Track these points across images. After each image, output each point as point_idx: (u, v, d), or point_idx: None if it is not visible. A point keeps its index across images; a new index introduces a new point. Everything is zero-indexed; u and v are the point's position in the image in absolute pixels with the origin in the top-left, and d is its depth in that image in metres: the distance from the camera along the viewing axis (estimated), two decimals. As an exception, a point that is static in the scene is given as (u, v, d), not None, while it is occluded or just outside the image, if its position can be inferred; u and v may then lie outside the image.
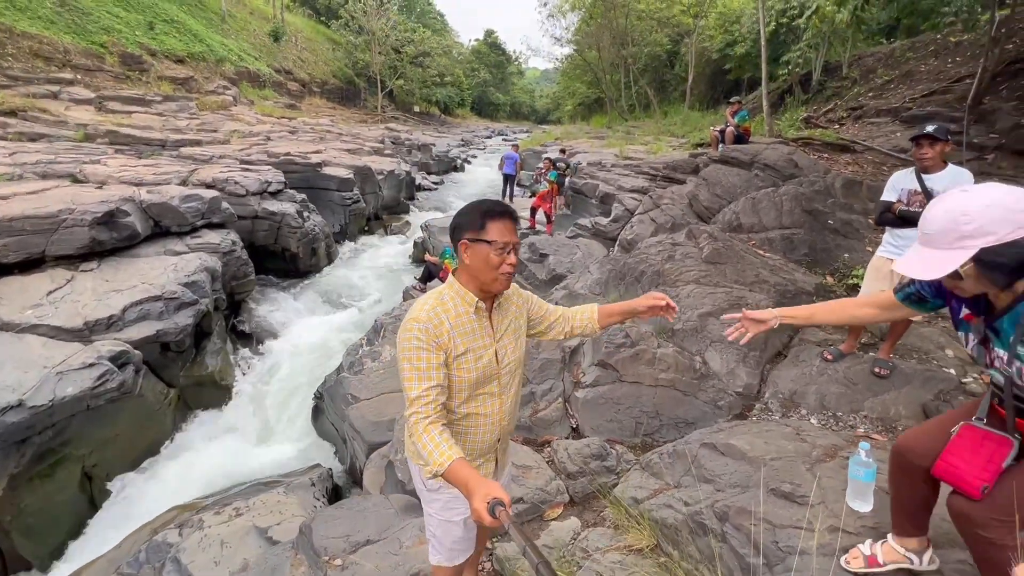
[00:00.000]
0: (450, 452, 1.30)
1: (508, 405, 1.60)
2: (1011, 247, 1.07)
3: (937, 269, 1.11)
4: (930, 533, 1.56)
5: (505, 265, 1.43)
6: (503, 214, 1.45)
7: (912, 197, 3.09)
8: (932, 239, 1.15)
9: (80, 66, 16.15)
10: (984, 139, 7.70)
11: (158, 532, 3.74)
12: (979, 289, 1.17)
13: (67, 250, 5.78)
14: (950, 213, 1.12)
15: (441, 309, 1.46)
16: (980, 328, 1.25)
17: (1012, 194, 1.09)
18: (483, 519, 1.16)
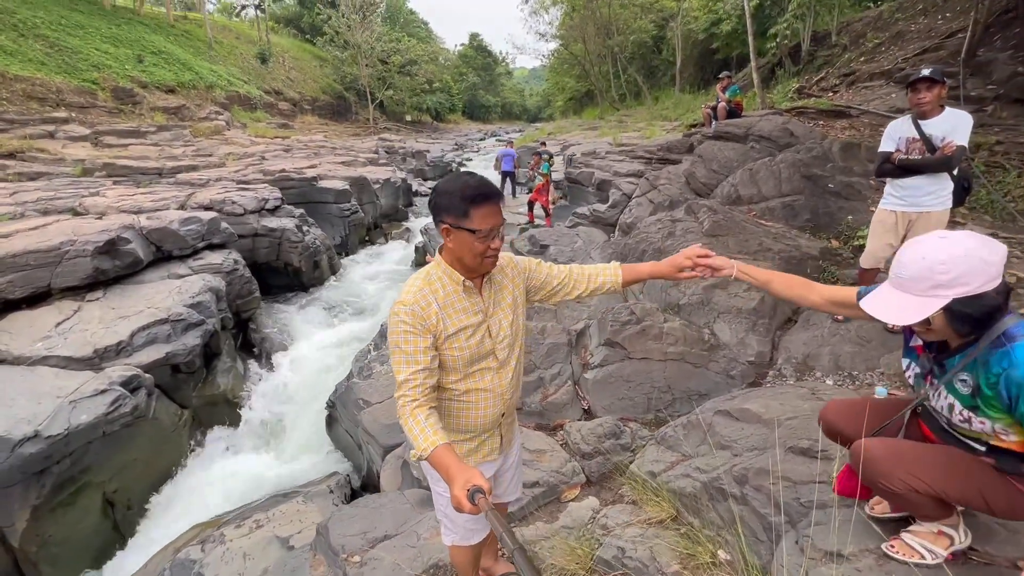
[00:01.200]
0: (434, 437, 1.30)
1: (509, 378, 1.56)
2: (979, 299, 1.08)
3: (910, 316, 1.11)
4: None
5: (490, 250, 1.38)
6: (487, 198, 1.36)
7: (911, 145, 3.02)
8: (905, 284, 1.14)
9: (74, 104, 16.36)
10: (982, 91, 7.57)
11: (181, 550, 3.75)
12: (942, 336, 1.19)
13: (72, 281, 5.82)
14: (927, 260, 1.11)
15: (428, 290, 1.43)
16: (927, 362, 1.27)
17: (987, 246, 1.10)
18: (462, 506, 1.17)
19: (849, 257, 4.35)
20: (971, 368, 1.17)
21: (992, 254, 1.09)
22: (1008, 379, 1.07)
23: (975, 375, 1.16)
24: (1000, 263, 1.10)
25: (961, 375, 1.19)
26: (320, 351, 7.40)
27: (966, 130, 2.85)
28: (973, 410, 1.18)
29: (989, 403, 1.14)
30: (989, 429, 1.17)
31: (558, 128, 25.00)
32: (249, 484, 5.14)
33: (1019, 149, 5.48)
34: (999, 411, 1.13)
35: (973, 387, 1.16)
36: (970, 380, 1.17)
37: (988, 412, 1.15)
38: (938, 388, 1.24)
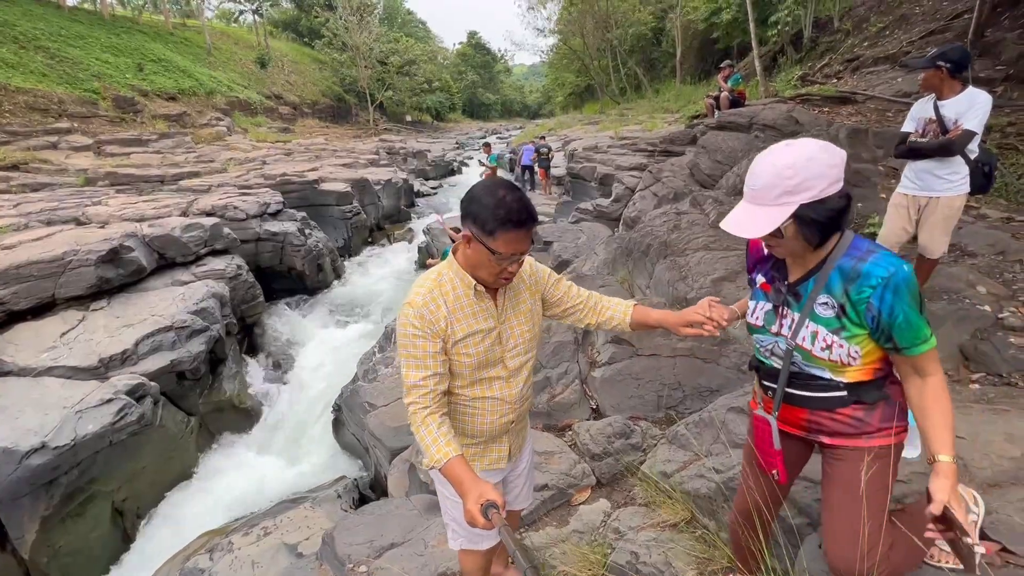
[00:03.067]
0: (447, 448, 1.27)
1: (519, 389, 1.50)
2: (824, 203, 1.08)
3: (763, 226, 1.10)
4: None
5: (507, 272, 1.33)
6: (518, 224, 1.25)
7: (928, 126, 2.91)
8: (757, 195, 1.13)
9: (76, 114, 16.43)
10: (991, 72, 7.39)
11: (190, 559, 3.73)
12: (795, 248, 1.16)
13: (76, 291, 5.82)
14: (775, 167, 1.09)
15: (439, 292, 1.37)
16: (780, 291, 1.24)
17: (826, 150, 1.09)
18: (476, 521, 1.15)
19: (860, 245, 4.25)
20: (831, 288, 1.15)
21: (833, 157, 1.09)
22: (887, 285, 1.07)
23: (838, 293, 1.14)
24: (841, 166, 1.10)
25: (821, 298, 1.17)
26: (325, 354, 7.38)
27: (978, 113, 2.73)
28: (838, 332, 1.15)
29: (852, 322, 1.13)
30: (846, 354, 1.15)
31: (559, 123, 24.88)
32: (257, 489, 5.12)
33: (1032, 130, 5.34)
34: (860, 329, 1.13)
35: (837, 308, 1.15)
36: (832, 301, 1.15)
37: (851, 331, 1.14)
38: (799, 321, 1.20)
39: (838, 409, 1.21)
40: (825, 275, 1.15)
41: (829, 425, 1.24)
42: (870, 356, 1.16)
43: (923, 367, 1.14)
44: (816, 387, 1.22)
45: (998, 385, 2.54)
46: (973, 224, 4.13)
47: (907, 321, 1.08)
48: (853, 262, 1.12)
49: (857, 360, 1.16)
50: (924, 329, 1.10)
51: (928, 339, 1.11)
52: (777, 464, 1.33)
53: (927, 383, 1.14)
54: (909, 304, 1.07)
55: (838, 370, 1.19)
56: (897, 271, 1.07)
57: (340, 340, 7.71)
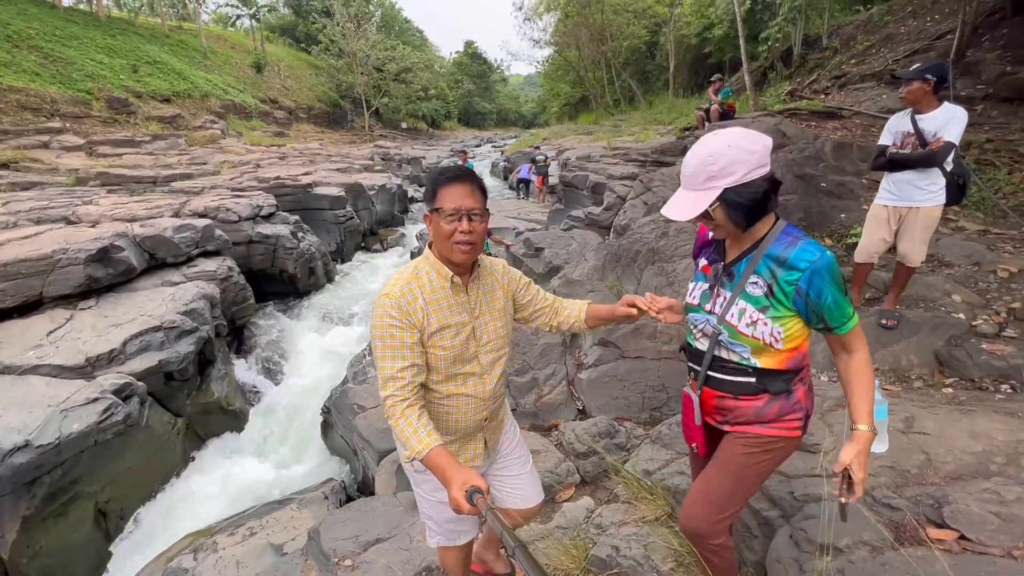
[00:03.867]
0: (428, 439, 1.26)
1: (492, 386, 1.51)
2: (747, 188, 1.16)
3: (692, 209, 1.18)
4: None
5: (457, 233, 1.32)
6: (454, 178, 1.34)
7: (906, 139, 3.03)
8: (688, 181, 1.21)
9: (68, 114, 16.35)
10: (971, 91, 7.62)
11: (173, 559, 3.70)
12: (728, 230, 1.24)
13: (64, 290, 5.79)
14: (698, 155, 1.18)
15: (416, 284, 1.39)
16: (718, 271, 1.33)
17: (747, 136, 1.17)
18: (461, 507, 1.14)
19: (842, 255, 4.34)
20: (762, 269, 1.23)
21: (753, 143, 1.15)
22: (814, 270, 1.14)
23: (767, 275, 1.22)
24: (763, 152, 1.16)
25: (752, 278, 1.24)
26: (316, 357, 7.37)
27: (957, 126, 2.85)
28: (764, 311, 1.23)
29: (780, 303, 1.21)
30: (768, 333, 1.22)
31: (553, 133, 25.10)
32: (244, 491, 5.09)
33: (1009, 147, 5.51)
34: (786, 309, 1.21)
35: (766, 288, 1.22)
36: (761, 282, 1.23)
37: (777, 311, 1.21)
38: (730, 299, 1.27)
39: (744, 396, 1.31)
40: (758, 257, 1.24)
41: (733, 410, 1.33)
42: (790, 341, 1.24)
43: (849, 344, 1.23)
44: (731, 370, 1.31)
45: (970, 389, 2.62)
46: (951, 236, 4.26)
47: (835, 302, 1.16)
48: (783, 248, 1.21)
49: (779, 342, 1.23)
50: (848, 308, 1.20)
51: (852, 316, 1.20)
52: (696, 438, 1.43)
53: (852, 359, 1.24)
54: (834, 286, 1.16)
55: (758, 350, 1.26)
56: (822, 256, 1.16)
57: (330, 343, 7.70)
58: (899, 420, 1.83)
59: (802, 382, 1.32)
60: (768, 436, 1.30)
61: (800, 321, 1.23)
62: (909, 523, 1.41)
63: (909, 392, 2.63)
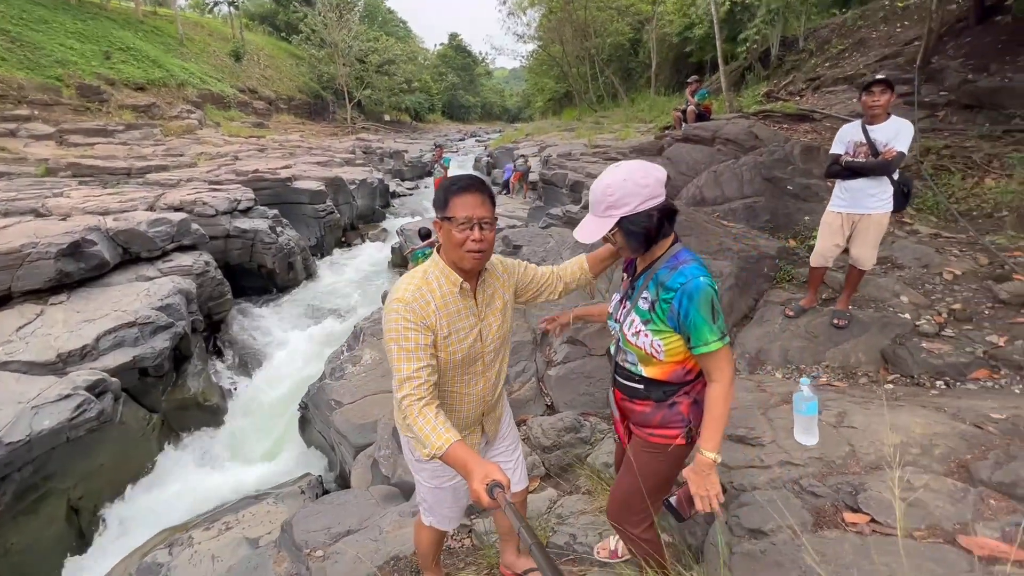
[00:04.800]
0: (447, 435, 1.28)
1: (491, 382, 1.59)
2: (640, 217, 1.28)
3: (594, 234, 1.31)
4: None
5: (469, 242, 1.36)
6: (466, 188, 1.38)
7: (858, 148, 3.19)
8: (592, 208, 1.34)
9: (37, 101, 15.84)
10: (935, 97, 7.92)
11: (148, 554, 3.73)
12: (628, 251, 1.39)
13: (34, 284, 5.70)
14: (599, 186, 1.31)
15: (426, 288, 1.42)
16: (626, 288, 1.48)
17: (641, 169, 1.29)
18: (482, 500, 1.16)
19: (804, 256, 4.53)
20: (651, 287, 1.38)
21: (646, 177, 1.27)
22: (683, 292, 1.28)
23: (653, 292, 1.36)
24: (655, 185, 1.28)
25: (643, 293, 1.39)
26: (293, 352, 7.37)
27: (907, 138, 3.03)
28: (646, 323, 1.38)
29: (658, 318, 1.35)
30: (649, 344, 1.37)
31: (536, 129, 25.16)
32: (221, 487, 5.11)
33: (964, 153, 5.77)
34: (663, 325, 1.34)
35: (651, 302, 1.37)
36: (649, 296, 1.38)
37: (656, 325, 1.36)
38: (628, 310, 1.43)
39: (636, 400, 1.48)
40: (651, 275, 1.38)
41: (631, 413, 1.51)
42: (671, 356, 1.37)
43: (709, 370, 1.35)
44: (627, 376, 1.48)
45: (909, 385, 2.81)
46: (905, 239, 4.48)
47: (694, 323, 1.28)
48: (667, 270, 1.34)
49: (660, 355, 1.37)
50: (708, 334, 1.29)
51: (709, 343, 1.29)
52: (618, 430, 1.64)
53: (712, 388, 1.36)
54: (698, 310, 1.27)
55: (644, 360, 1.41)
56: (692, 280, 1.28)
57: (309, 339, 7.70)
58: (832, 415, 1.98)
59: (687, 395, 1.43)
60: (653, 442, 1.46)
61: (679, 338, 1.34)
62: (829, 508, 1.56)
63: (854, 388, 2.81)
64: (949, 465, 1.67)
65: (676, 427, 1.43)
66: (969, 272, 3.74)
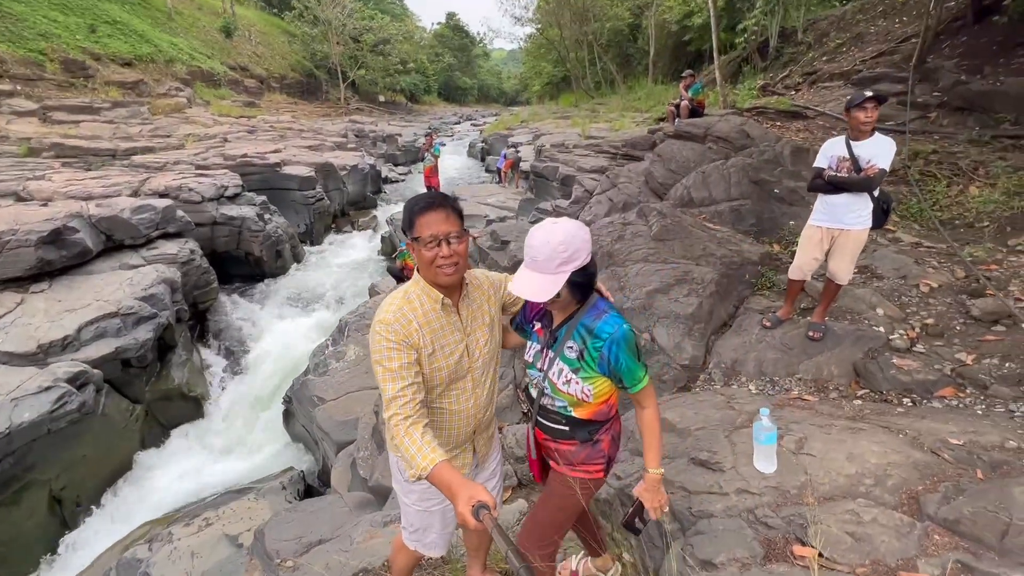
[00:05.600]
0: (433, 455, 1.28)
1: (483, 399, 1.59)
2: (586, 269, 1.37)
3: (548, 291, 1.33)
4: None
5: (439, 259, 1.37)
6: (429, 207, 1.39)
7: (840, 164, 3.19)
8: (540, 265, 1.35)
9: (19, 76, 15.43)
10: (928, 98, 7.89)
11: (128, 549, 3.78)
12: (565, 305, 1.43)
13: (13, 272, 5.63)
14: (551, 244, 1.33)
15: (408, 308, 1.43)
16: (546, 338, 1.53)
17: (579, 226, 1.38)
18: (468, 523, 1.14)
19: (788, 262, 4.55)
20: (575, 336, 1.44)
21: (585, 231, 1.38)
22: (612, 340, 1.37)
23: (580, 341, 1.43)
24: (590, 240, 1.39)
25: (568, 343, 1.45)
26: (280, 343, 7.36)
27: (889, 155, 3.04)
28: (576, 371, 1.44)
29: (588, 365, 1.42)
30: (580, 390, 1.45)
31: (532, 115, 24.88)
32: (205, 478, 5.15)
33: (952, 159, 5.78)
34: (593, 371, 1.42)
35: (579, 351, 1.43)
36: (575, 346, 1.44)
37: (587, 372, 1.43)
38: (552, 359, 1.49)
39: (561, 440, 1.56)
40: (573, 325, 1.45)
41: (555, 451, 1.58)
42: (599, 398, 1.48)
43: (641, 401, 1.48)
44: (552, 418, 1.55)
45: (877, 401, 2.86)
46: (886, 247, 4.50)
47: (627, 367, 1.39)
48: (592, 319, 1.42)
49: (589, 398, 1.46)
50: (638, 372, 1.42)
51: (642, 380, 1.43)
52: (532, 468, 1.75)
53: (644, 414, 1.50)
54: (628, 354, 1.38)
55: (574, 404, 1.49)
56: (618, 330, 1.38)
57: (295, 329, 7.69)
58: (792, 441, 2.02)
59: (607, 432, 1.56)
60: (576, 476, 1.55)
61: (607, 381, 1.45)
62: (780, 540, 1.60)
63: (824, 403, 2.85)
64: (900, 497, 1.71)
65: (598, 463, 1.55)
66: (945, 285, 3.78)
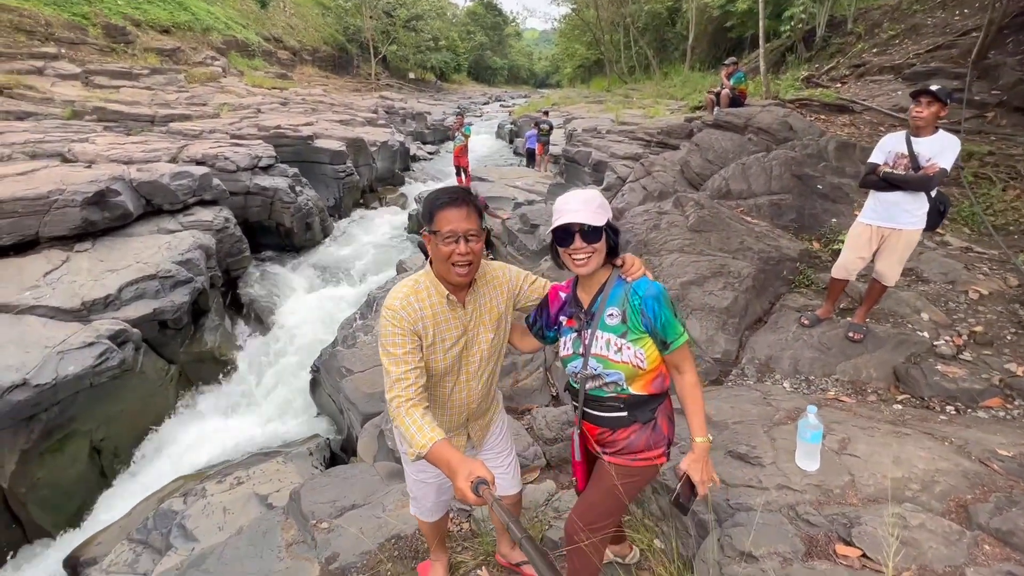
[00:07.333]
0: (432, 434, 1.32)
1: (477, 391, 1.61)
2: (612, 229, 1.44)
3: (600, 217, 1.40)
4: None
5: (455, 255, 1.39)
6: (451, 202, 1.40)
7: (898, 160, 3.06)
8: (584, 207, 1.41)
9: (63, 39, 15.78)
10: (986, 96, 7.51)
11: (164, 501, 3.95)
12: (597, 262, 1.45)
13: (60, 231, 5.83)
14: (581, 197, 1.43)
15: (415, 298, 1.46)
16: (580, 319, 1.52)
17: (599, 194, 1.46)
18: (467, 498, 1.18)
19: (827, 260, 4.44)
20: (613, 302, 1.46)
21: (606, 201, 1.46)
22: (649, 295, 1.41)
23: (619, 305, 1.45)
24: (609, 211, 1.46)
25: (608, 312, 1.46)
26: (308, 313, 7.50)
27: (952, 154, 2.89)
28: (624, 336, 1.44)
29: (634, 326, 1.43)
30: (633, 355, 1.43)
31: (563, 99, 24.49)
32: (232, 440, 5.33)
33: (1009, 162, 5.51)
34: (640, 331, 1.43)
35: (620, 315, 1.45)
36: (616, 311, 1.46)
37: (635, 333, 1.43)
38: (594, 335, 1.47)
39: (619, 429, 1.52)
40: (607, 293, 1.47)
41: (611, 443, 1.55)
42: (652, 363, 1.46)
43: (679, 365, 1.48)
44: (608, 407, 1.52)
45: (918, 407, 2.79)
46: (934, 251, 4.34)
47: (667, 319, 1.41)
48: (624, 283, 1.47)
49: (644, 363, 1.44)
50: (678, 327, 1.43)
51: (682, 334, 1.44)
52: (577, 473, 1.71)
53: (684, 380, 1.48)
54: (666, 307, 1.41)
55: (631, 376, 1.46)
56: (653, 286, 1.43)
57: (323, 301, 7.82)
58: (835, 440, 1.98)
59: (663, 410, 1.55)
60: (638, 466, 1.53)
61: (652, 343, 1.45)
62: (822, 538, 1.58)
63: (862, 405, 2.79)
64: (948, 504, 1.67)
65: (660, 447, 1.54)
66: (996, 293, 3.63)
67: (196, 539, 3.43)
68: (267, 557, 2.22)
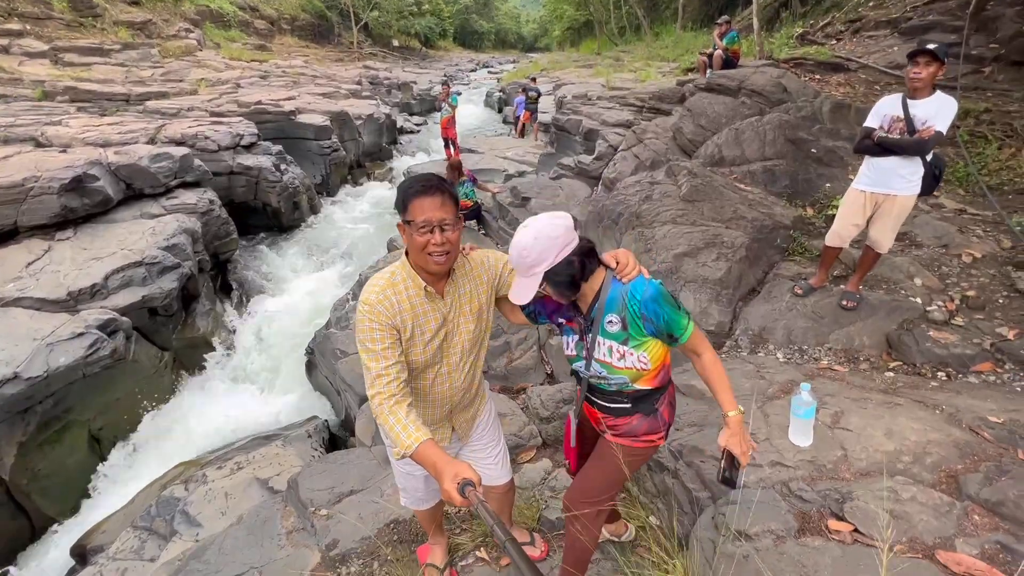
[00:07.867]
0: (417, 434, 1.31)
1: (459, 383, 1.59)
2: (562, 266, 1.35)
3: (526, 295, 1.37)
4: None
5: (431, 245, 1.35)
6: (424, 191, 1.34)
7: (893, 124, 2.97)
8: (519, 270, 1.39)
9: (27, 15, 15.05)
10: (983, 50, 7.33)
11: (166, 488, 3.98)
12: (564, 297, 1.43)
13: (39, 220, 5.68)
14: (516, 249, 1.36)
15: (392, 291, 1.43)
16: (580, 324, 1.51)
17: (550, 224, 1.34)
18: (453, 499, 1.17)
19: (821, 227, 4.40)
20: (611, 309, 1.43)
21: (554, 230, 1.34)
22: (648, 297, 1.37)
23: (617, 311, 1.42)
24: (566, 232, 1.35)
25: (607, 318, 1.44)
26: (299, 294, 7.44)
27: (948, 116, 2.81)
28: (625, 343, 1.43)
29: (636, 332, 1.41)
30: (636, 360, 1.43)
31: (552, 63, 23.81)
32: (231, 423, 5.35)
33: (1005, 119, 5.41)
34: (642, 336, 1.42)
35: (620, 321, 1.42)
36: (615, 318, 1.43)
37: (636, 339, 1.42)
38: (595, 341, 1.47)
39: (621, 416, 1.56)
40: (604, 301, 1.43)
41: (614, 427, 1.58)
42: (656, 361, 1.46)
43: (695, 348, 1.46)
44: (612, 399, 1.55)
45: (910, 375, 2.81)
46: (928, 213, 4.31)
47: (671, 318, 1.38)
48: (620, 288, 1.42)
49: (648, 365, 1.44)
50: (683, 320, 1.41)
51: (687, 326, 1.41)
52: (569, 457, 1.75)
53: (702, 362, 1.47)
54: (667, 305, 1.38)
55: (635, 377, 1.47)
56: (648, 287, 1.39)
57: (314, 281, 7.75)
58: (828, 414, 1.99)
59: (666, 397, 1.57)
60: (639, 447, 1.57)
61: (656, 342, 1.44)
62: (815, 514, 1.60)
63: (854, 374, 2.81)
64: (939, 475, 1.69)
65: (660, 431, 1.57)
66: (989, 255, 3.62)
67: (199, 524, 3.47)
68: (267, 546, 2.24)
